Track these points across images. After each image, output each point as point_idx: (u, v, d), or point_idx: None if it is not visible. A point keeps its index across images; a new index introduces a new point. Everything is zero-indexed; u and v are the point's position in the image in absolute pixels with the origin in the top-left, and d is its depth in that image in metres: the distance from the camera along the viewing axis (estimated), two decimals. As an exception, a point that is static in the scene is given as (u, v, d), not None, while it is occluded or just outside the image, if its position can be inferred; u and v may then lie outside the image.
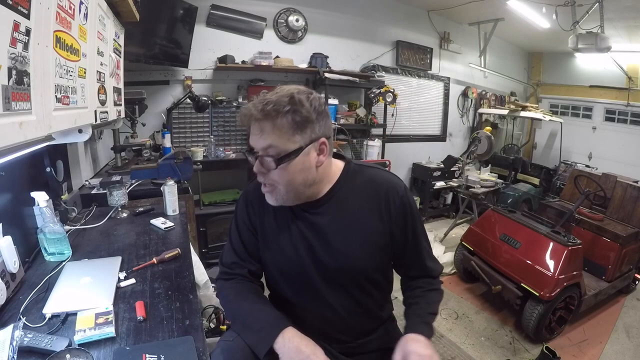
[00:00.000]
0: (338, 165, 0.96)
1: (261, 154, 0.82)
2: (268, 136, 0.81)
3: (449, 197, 4.49)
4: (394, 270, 1.07)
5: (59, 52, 0.87)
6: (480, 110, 5.12)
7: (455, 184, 4.26)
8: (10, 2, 0.61)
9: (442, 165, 4.15)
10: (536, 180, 4.71)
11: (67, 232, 1.32)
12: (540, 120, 4.53)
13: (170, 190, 1.74)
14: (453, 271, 3.05)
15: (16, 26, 0.64)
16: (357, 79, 3.68)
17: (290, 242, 0.94)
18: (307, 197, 0.91)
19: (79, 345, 0.84)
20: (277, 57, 3.31)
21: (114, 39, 1.62)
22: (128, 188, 1.93)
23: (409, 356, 0.80)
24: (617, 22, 3.60)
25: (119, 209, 1.70)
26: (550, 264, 2.18)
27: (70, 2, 0.94)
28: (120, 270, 1.18)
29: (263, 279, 1.06)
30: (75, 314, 0.94)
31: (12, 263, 1.02)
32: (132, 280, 1.14)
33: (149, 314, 0.97)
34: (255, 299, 0.94)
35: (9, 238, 1.03)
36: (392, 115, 4.21)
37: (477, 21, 4.58)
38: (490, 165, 4.59)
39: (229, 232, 1.03)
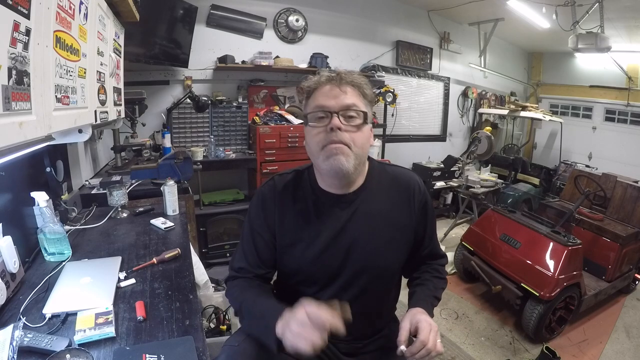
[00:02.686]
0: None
1: (347, 109, 0.86)
2: (352, 97, 0.87)
3: (449, 197, 4.49)
4: None
5: (59, 52, 0.88)
6: (480, 110, 5.12)
7: (455, 184, 4.26)
8: (10, 2, 0.61)
9: (442, 165, 4.15)
10: (536, 180, 4.70)
11: (67, 232, 1.32)
12: (540, 120, 4.53)
13: (170, 190, 1.74)
14: (453, 271, 3.05)
15: (16, 26, 0.64)
16: (357, 79, 3.68)
17: (314, 241, 0.92)
18: (347, 184, 0.92)
19: (79, 345, 0.84)
20: (277, 57, 3.31)
21: (114, 39, 1.62)
22: (128, 188, 1.93)
23: (419, 323, 0.83)
24: (617, 22, 3.60)
25: (119, 209, 1.70)
26: (550, 264, 2.18)
27: (70, 2, 0.94)
28: (120, 270, 1.18)
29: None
30: (75, 314, 0.94)
31: (12, 263, 1.02)
32: (132, 280, 1.14)
33: (149, 314, 0.97)
34: (259, 290, 0.93)
35: (9, 238, 1.03)
36: (392, 115, 4.21)
37: (477, 21, 4.58)
38: (490, 165, 4.59)
39: (241, 236, 1.01)
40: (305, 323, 0.73)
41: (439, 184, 4.30)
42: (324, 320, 0.73)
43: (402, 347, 0.81)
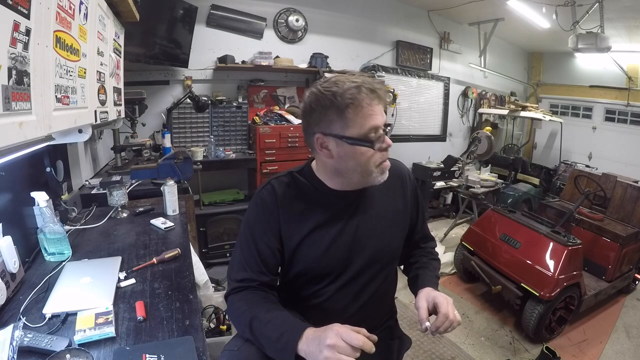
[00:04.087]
0: None
1: (388, 125, 0.89)
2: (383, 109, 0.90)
3: (449, 197, 4.48)
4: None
5: (59, 52, 0.88)
6: (480, 110, 5.12)
7: (455, 184, 4.26)
8: (10, 2, 0.61)
9: (442, 165, 4.15)
10: (536, 180, 4.71)
11: (67, 232, 1.32)
12: (540, 120, 4.53)
13: (170, 190, 1.74)
14: (453, 271, 3.05)
15: (16, 26, 0.64)
16: (357, 79, 3.68)
17: (321, 236, 0.93)
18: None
19: (79, 345, 0.84)
20: (277, 57, 3.31)
21: (114, 39, 1.62)
22: (128, 188, 1.93)
23: (436, 299, 0.89)
24: (617, 22, 3.60)
25: (119, 209, 1.70)
26: (550, 264, 2.18)
27: (70, 2, 0.94)
28: (120, 270, 1.19)
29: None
30: (75, 314, 0.94)
31: (12, 263, 1.02)
32: (132, 280, 1.14)
33: (149, 314, 0.97)
34: (270, 305, 0.88)
35: (9, 238, 1.03)
36: (392, 115, 4.21)
37: (477, 21, 4.58)
38: (490, 165, 4.59)
39: (239, 245, 0.96)
40: (339, 347, 0.72)
41: (439, 184, 4.30)
42: (357, 340, 0.72)
43: (427, 324, 0.86)
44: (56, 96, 0.86)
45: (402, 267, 1.16)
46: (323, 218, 0.94)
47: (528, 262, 2.27)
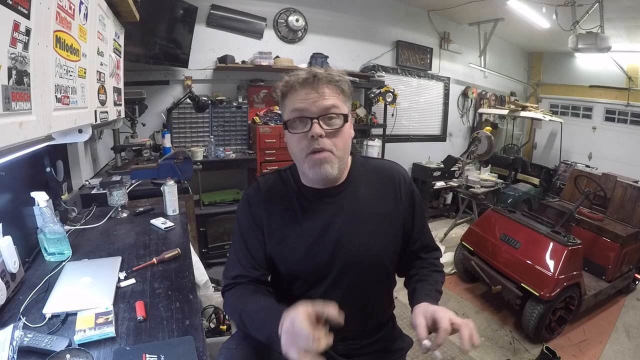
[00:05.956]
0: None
1: (327, 113, 0.83)
2: (331, 97, 0.84)
3: (449, 197, 4.49)
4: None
5: (59, 52, 0.88)
6: (480, 110, 5.12)
7: (455, 184, 4.26)
8: (10, 2, 0.61)
9: (442, 165, 4.15)
10: (536, 180, 4.71)
11: (67, 232, 1.32)
12: (540, 120, 4.53)
13: (170, 190, 1.74)
14: (453, 271, 3.05)
15: (16, 26, 0.64)
16: (357, 79, 3.68)
17: (301, 238, 0.91)
18: (332, 180, 0.90)
19: (79, 345, 0.84)
20: (277, 57, 3.31)
21: (114, 39, 1.62)
22: (128, 188, 1.93)
23: (435, 314, 0.79)
24: (617, 22, 3.60)
25: (119, 209, 1.70)
26: (550, 264, 2.18)
27: (70, 2, 0.95)
28: (120, 270, 1.19)
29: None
30: (75, 314, 0.94)
31: (12, 263, 1.02)
32: (132, 280, 1.14)
33: (149, 314, 0.97)
34: (257, 296, 0.89)
35: (9, 238, 1.03)
36: (392, 115, 4.21)
37: (477, 21, 4.58)
38: (490, 165, 4.59)
39: (232, 242, 0.99)
40: (291, 331, 0.70)
41: (439, 184, 4.30)
42: (305, 332, 0.67)
43: (426, 342, 0.77)
44: (56, 96, 0.86)
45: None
46: (303, 218, 0.92)
47: (528, 262, 2.27)
